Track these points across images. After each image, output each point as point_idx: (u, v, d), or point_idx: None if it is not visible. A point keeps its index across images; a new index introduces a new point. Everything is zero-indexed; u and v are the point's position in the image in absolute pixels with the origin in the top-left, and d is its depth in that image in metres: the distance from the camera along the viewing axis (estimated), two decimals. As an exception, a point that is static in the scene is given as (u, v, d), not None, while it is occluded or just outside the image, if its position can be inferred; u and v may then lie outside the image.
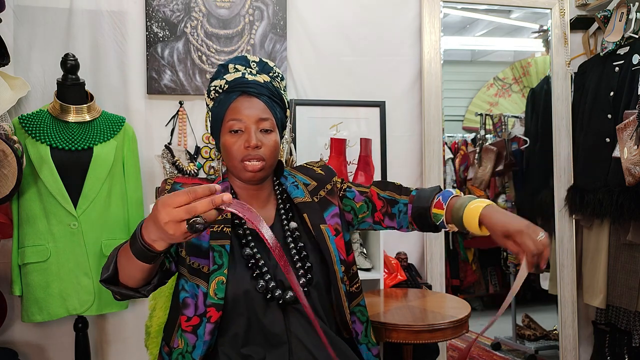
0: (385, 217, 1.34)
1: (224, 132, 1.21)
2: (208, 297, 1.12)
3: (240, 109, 1.19)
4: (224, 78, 1.23)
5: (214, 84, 1.24)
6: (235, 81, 1.21)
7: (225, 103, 1.21)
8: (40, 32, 2.20)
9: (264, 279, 1.16)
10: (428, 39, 2.54)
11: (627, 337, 2.52)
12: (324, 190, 1.33)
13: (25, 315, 1.97)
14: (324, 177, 1.36)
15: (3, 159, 1.73)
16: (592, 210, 2.50)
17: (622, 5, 2.51)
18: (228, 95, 1.21)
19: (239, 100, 1.20)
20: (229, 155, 1.20)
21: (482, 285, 3.88)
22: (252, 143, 1.17)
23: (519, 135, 3.20)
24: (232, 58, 1.28)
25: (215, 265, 1.14)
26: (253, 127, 1.19)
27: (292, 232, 1.24)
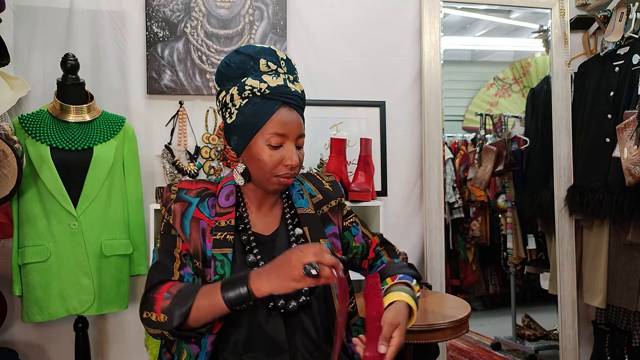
0: (368, 268, 1.36)
1: (259, 141, 1.13)
2: None
3: (284, 124, 1.13)
4: (264, 80, 1.13)
5: (251, 84, 1.12)
6: (279, 89, 1.13)
7: (266, 112, 1.12)
8: (40, 32, 2.21)
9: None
10: (428, 39, 2.54)
11: (627, 337, 2.52)
12: (327, 206, 1.30)
13: (25, 315, 1.97)
14: (331, 194, 1.32)
15: (3, 159, 1.73)
16: (592, 210, 2.50)
17: (622, 5, 2.51)
18: (268, 103, 1.12)
19: (282, 112, 1.13)
20: (263, 168, 1.14)
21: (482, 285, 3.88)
22: (294, 163, 1.14)
23: (519, 135, 3.20)
24: (258, 48, 1.17)
25: (217, 275, 1.11)
26: (293, 145, 1.15)
27: (297, 238, 1.22)
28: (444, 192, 2.58)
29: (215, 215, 1.17)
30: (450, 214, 3.51)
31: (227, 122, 1.18)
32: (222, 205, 1.18)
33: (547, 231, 2.96)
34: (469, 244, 3.71)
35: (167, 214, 1.16)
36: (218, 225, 1.15)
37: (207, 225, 1.16)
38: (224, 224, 1.16)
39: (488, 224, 3.65)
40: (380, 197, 2.47)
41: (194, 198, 1.18)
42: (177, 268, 1.14)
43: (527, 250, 3.26)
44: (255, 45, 1.19)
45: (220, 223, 1.16)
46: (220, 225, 1.15)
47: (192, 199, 1.18)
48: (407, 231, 2.57)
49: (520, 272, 3.43)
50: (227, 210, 1.18)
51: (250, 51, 1.16)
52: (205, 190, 1.20)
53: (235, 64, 1.16)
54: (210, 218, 1.16)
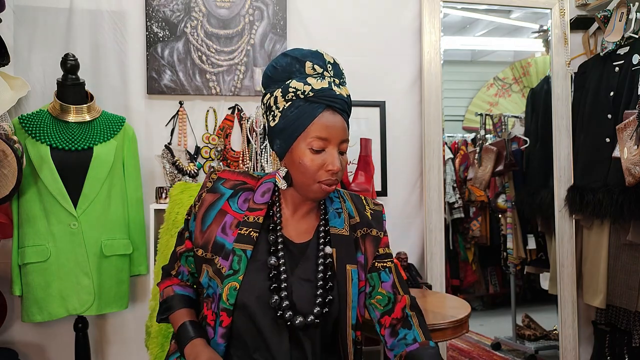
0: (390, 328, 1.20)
1: (301, 145, 1.10)
2: (221, 300, 1.11)
3: (327, 127, 1.10)
4: (308, 83, 1.10)
5: (295, 86, 1.10)
6: (323, 92, 1.10)
7: (309, 115, 1.10)
8: (40, 32, 2.21)
9: (279, 295, 1.10)
10: (428, 39, 2.54)
11: (627, 337, 2.52)
12: (361, 231, 1.23)
13: (25, 315, 1.97)
14: (370, 222, 1.25)
15: (3, 159, 1.73)
16: (592, 210, 2.50)
17: (622, 5, 2.51)
18: (312, 106, 1.10)
19: (325, 115, 1.10)
20: (305, 173, 1.10)
21: (482, 285, 3.88)
22: (336, 168, 1.10)
23: (519, 135, 3.20)
24: (305, 51, 1.15)
25: (232, 270, 1.11)
26: (336, 150, 1.12)
27: (325, 257, 1.16)
28: (444, 192, 2.58)
29: (246, 209, 1.16)
30: (450, 214, 3.51)
31: (270, 125, 1.15)
32: (257, 201, 1.17)
33: (547, 231, 2.96)
34: (469, 244, 3.71)
35: (198, 199, 1.20)
36: (246, 220, 1.15)
37: (233, 219, 1.15)
38: (252, 220, 1.14)
39: (488, 224, 3.65)
40: (380, 197, 2.47)
41: (228, 190, 1.18)
42: (177, 265, 1.29)
43: (527, 250, 3.26)
44: (303, 48, 1.17)
45: (248, 218, 1.15)
46: (248, 220, 1.15)
47: (225, 191, 1.18)
48: (407, 231, 2.57)
49: (520, 272, 3.43)
50: (260, 207, 1.16)
51: (297, 54, 1.14)
52: (243, 184, 1.20)
53: (281, 67, 1.14)
54: (239, 212, 1.16)
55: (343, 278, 1.15)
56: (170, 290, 1.25)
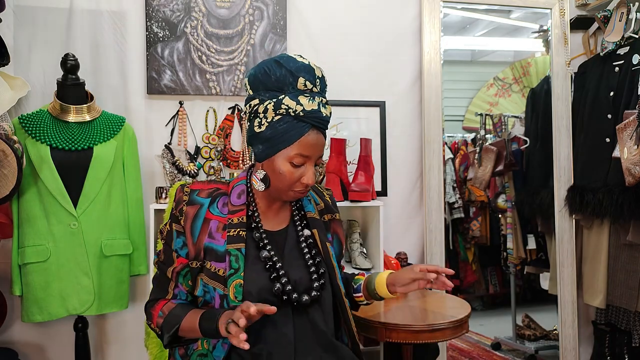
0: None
1: (283, 157, 1.19)
2: (229, 300, 1.17)
3: (310, 146, 1.19)
4: (300, 103, 1.17)
5: (288, 104, 1.16)
6: (313, 113, 1.18)
7: (296, 132, 1.18)
8: (40, 32, 2.21)
9: (280, 281, 1.20)
10: (428, 39, 2.54)
11: (627, 337, 2.52)
12: (329, 216, 1.40)
13: (25, 315, 1.97)
14: (330, 207, 1.42)
15: (3, 159, 1.73)
16: (592, 210, 2.50)
17: (622, 5, 2.51)
18: (300, 125, 1.18)
19: (310, 135, 1.19)
20: (281, 182, 1.21)
21: (482, 285, 3.88)
22: (311, 182, 1.22)
23: (519, 135, 3.20)
24: (299, 64, 1.19)
25: (232, 269, 1.18)
26: (313, 165, 1.22)
27: (305, 239, 1.30)
28: (444, 192, 2.58)
29: (228, 212, 1.24)
30: (450, 214, 3.51)
31: (254, 129, 1.21)
32: (234, 204, 1.25)
33: (547, 231, 2.96)
34: (469, 244, 3.71)
35: (179, 214, 1.23)
36: (231, 223, 1.22)
37: (218, 223, 1.23)
38: (237, 221, 1.23)
39: (488, 224, 3.65)
40: (380, 197, 2.47)
41: (206, 199, 1.25)
42: (172, 287, 1.27)
43: (527, 250, 3.26)
44: (297, 58, 1.20)
45: (233, 220, 1.23)
46: (233, 222, 1.22)
47: (203, 200, 1.24)
48: (407, 231, 2.57)
49: (520, 272, 3.43)
50: (239, 208, 1.25)
51: (292, 67, 1.18)
52: (217, 190, 1.27)
53: (275, 77, 1.18)
54: (222, 216, 1.23)
55: (327, 254, 1.31)
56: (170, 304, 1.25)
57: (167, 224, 1.27)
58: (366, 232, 2.42)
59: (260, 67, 1.22)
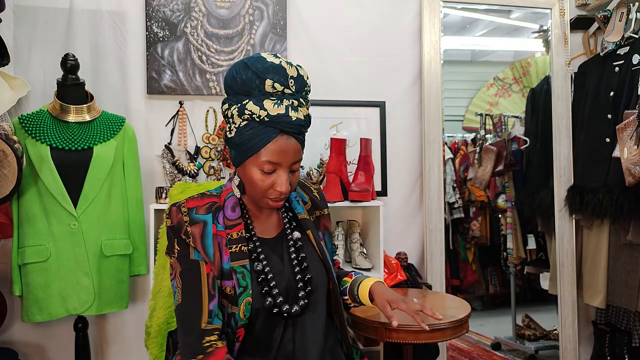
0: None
1: (252, 164, 1.14)
2: (238, 319, 1.13)
3: (278, 153, 1.12)
4: (264, 107, 1.10)
5: (251, 109, 1.10)
6: (279, 118, 1.10)
7: (262, 138, 1.11)
8: (40, 32, 2.21)
9: (272, 295, 1.15)
10: (428, 39, 2.54)
11: (627, 337, 2.52)
12: (319, 212, 1.36)
13: (25, 315, 1.97)
14: (319, 203, 1.37)
15: (3, 159, 1.73)
16: (592, 210, 2.50)
17: (622, 5, 2.51)
18: (266, 130, 1.10)
19: (278, 140, 1.11)
20: (254, 189, 1.16)
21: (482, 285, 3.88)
22: (284, 190, 1.14)
23: (519, 135, 3.20)
24: (267, 64, 1.12)
25: (241, 287, 1.14)
26: (286, 172, 1.15)
27: (295, 242, 1.25)
28: (444, 192, 2.58)
29: (226, 227, 1.18)
30: (450, 214, 3.51)
31: (226, 134, 1.17)
32: (230, 218, 1.20)
33: (547, 231, 2.96)
34: (469, 243, 3.70)
35: (186, 237, 1.15)
36: (231, 238, 1.17)
37: (222, 238, 1.17)
38: (236, 236, 1.18)
39: (488, 224, 3.64)
40: (380, 197, 2.47)
41: (206, 215, 1.18)
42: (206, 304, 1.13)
43: (527, 250, 3.26)
44: (267, 59, 1.13)
45: (232, 235, 1.18)
46: (232, 237, 1.18)
47: (204, 217, 1.18)
48: (407, 231, 2.57)
49: (520, 272, 3.42)
50: (236, 222, 1.20)
51: (258, 68, 1.11)
52: (214, 204, 1.21)
53: (241, 80, 1.13)
54: (223, 230, 1.18)
55: (323, 254, 1.26)
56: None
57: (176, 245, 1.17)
58: (366, 232, 2.42)
59: (230, 71, 1.17)
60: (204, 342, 1.10)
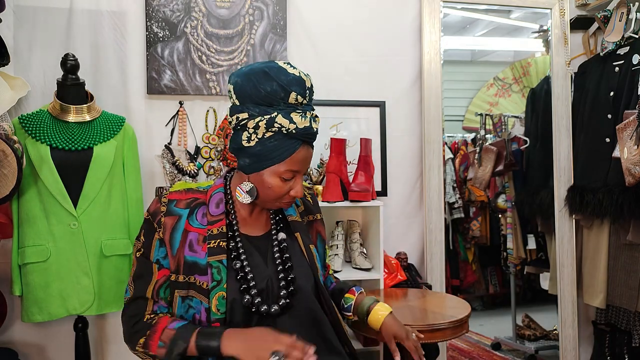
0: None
1: (271, 173, 1.17)
2: (211, 313, 1.14)
3: (300, 162, 1.18)
4: (293, 121, 1.13)
5: (281, 122, 1.13)
6: (305, 131, 1.16)
7: (286, 149, 1.15)
8: (40, 32, 2.20)
9: (250, 293, 1.17)
10: (428, 39, 2.55)
11: (627, 337, 2.52)
12: (311, 216, 1.38)
13: (25, 315, 1.97)
14: (311, 207, 1.40)
15: (3, 159, 1.73)
16: (592, 210, 2.50)
17: (622, 5, 2.51)
18: (290, 142, 1.15)
19: (301, 151, 1.17)
20: (269, 195, 1.19)
21: (482, 285, 3.88)
22: (299, 195, 1.21)
23: (519, 135, 3.20)
24: (290, 77, 1.14)
25: (215, 281, 1.15)
26: (302, 178, 1.21)
27: (279, 242, 1.27)
28: (444, 192, 2.58)
29: (207, 223, 1.20)
30: (450, 214, 3.51)
31: (241, 143, 1.17)
32: (213, 214, 1.22)
33: (547, 231, 2.96)
34: (469, 243, 3.71)
35: (157, 226, 1.20)
36: (211, 234, 1.19)
37: (198, 235, 1.19)
38: (217, 232, 1.19)
39: (488, 224, 3.65)
40: (380, 197, 2.47)
41: (184, 210, 1.21)
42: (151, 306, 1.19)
43: (527, 250, 3.26)
44: (288, 70, 1.14)
45: (212, 231, 1.20)
46: (212, 233, 1.19)
47: (181, 211, 1.21)
48: (407, 231, 2.57)
49: (520, 272, 3.43)
50: (218, 218, 1.21)
51: (283, 80, 1.13)
52: (195, 200, 1.23)
53: (265, 92, 1.13)
54: (201, 227, 1.20)
55: (310, 256, 1.28)
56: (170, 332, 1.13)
57: (142, 236, 1.21)
58: (366, 232, 2.42)
59: (247, 78, 1.15)
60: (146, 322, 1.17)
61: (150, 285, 1.19)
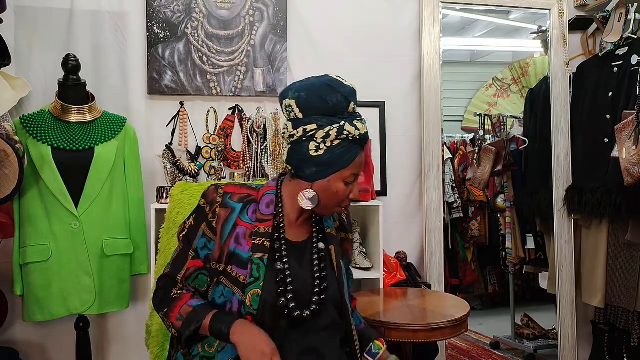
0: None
1: (338, 178, 1.23)
2: (245, 307, 1.19)
3: (359, 165, 1.26)
4: (357, 128, 1.22)
5: (349, 130, 1.21)
6: (364, 136, 1.25)
7: (351, 154, 1.23)
8: (41, 32, 2.21)
9: (286, 296, 1.22)
10: (427, 39, 2.55)
11: (625, 336, 2.53)
12: (342, 235, 1.42)
13: (26, 315, 1.98)
14: (345, 226, 1.44)
15: (5, 159, 1.73)
16: (590, 210, 2.51)
17: (621, 6, 2.52)
18: (354, 147, 1.23)
19: (360, 155, 1.25)
20: (334, 200, 1.25)
21: (481, 285, 3.88)
22: (357, 198, 1.28)
23: (518, 136, 3.21)
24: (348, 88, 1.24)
25: (252, 278, 1.21)
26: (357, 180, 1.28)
27: (319, 251, 1.31)
28: (443, 192, 2.59)
29: (256, 220, 1.26)
30: (449, 213, 3.51)
31: (308, 153, 1.22)
32: (263, 212, 1.27)
33: (545, 231, 2.97)
34: (468, 243, 3.71)
35: (212, 215, 1.25)
36: (257, 231, 1.25)
37: (245, 229, 1.25)
38: (263, 231, 1.25)
39: (487, 224, 3.65)
40: (380, 197, 2.48)
41: (237, 204, 1.27)
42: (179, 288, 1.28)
43: (526, 250, 3.27)
44: (344, 82, 1.24)
45: (259, 229, 1.25)
46: (259, 231, 1.25)
47: (235, 205, 1.27)
48: (406, 231, 2.58)
49: (519, 271, 3.43)
50: (267, 218, 1.27)
51: (344, 91, 1.22)
52: (248, 196, 1.29)
53: (332, 103, 1.21)
54: (250, 222, 1.26)
55: (340, 270, 1.32)
56: (188, 308, 1.22)
57: (192, 219, 1.29)
58: (366, 232, 2.43)
59: (312, 92, 1.23)
60: (172, 295, 1.26)
61: (182, 271, 1.27)
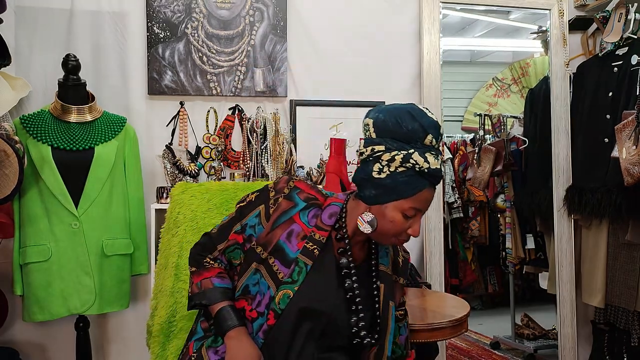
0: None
1: (396, 207, 1.19)
2: (272, 302, 1.19)
3: (424, 201, 1.20)
4: (427, 160, 1.17)
5: (417, 159, 1.17)
6: (435, 173, 1.19)
7: (415, 187, 1.18)
8: (41, 32, 2.21)
9: (358, 316, 1.23)
10: (427, 39, 2.55)
11: (625, 336, 2.53)
12: (395, 276, 1.37)
13: (26, 315, 1.98)
14: (399, 270, 1.40)
15: (5, 159, 1.74)
16: (590, 210, 2.51)
17: (621, 6, 2.52)
18: (420, 180, 1.18)
19: (427, 191, 1.20)
20: (390, 230, 1.20)
21: (481, 285, 3.88)
22: (416, 235, 1.22)
23: (518, 136, 3.21)
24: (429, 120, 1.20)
25: (290, 278, 1.20)
26: (421, 218, 1.23)
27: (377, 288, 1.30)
28: (443, 192, 2.59)
29: (314, 226, 1.25)
30: (449, 213, 3.51)
31: (371, 174, 1.20)
32: (324, 221, 1.26)
33: (545, 231, 2.97)
34: (468, 243, 3.71)
35: (273, 203, 1.27)
36: (312, 237, 1.24)
37: (300, 229, 1.25)
38: (318, 238, 1.24)
39: (487, 224, 3.65)
40: (380, 197, 2.47)
41: (302, 201, 1.27)
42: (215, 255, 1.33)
43: (526, 250, 3.27)
44: (427, 114, 1.21)
45: (314, 235, 1.24)
46: (314, 237, 1.24)
47: (299, 202, 1.27)
48: (406, 231, 2.58)
49: (519, 271, 3.43)
50: (326, 228, 1.25)
51: (425, 123, 1.19)
52: (315, 199, 1.28)
53: (407, 129, 1.18)
54: (307, 225, 1.25)
55: (386, 311, 1.29)
56: (209, 283, 1.28)
57: (254, 196, 1.31)
58: (366, 232, 2.43)
59: (390, 115, 1.20)
60: (204, 262, 1.31)
61: (223, 242, 1.31)
